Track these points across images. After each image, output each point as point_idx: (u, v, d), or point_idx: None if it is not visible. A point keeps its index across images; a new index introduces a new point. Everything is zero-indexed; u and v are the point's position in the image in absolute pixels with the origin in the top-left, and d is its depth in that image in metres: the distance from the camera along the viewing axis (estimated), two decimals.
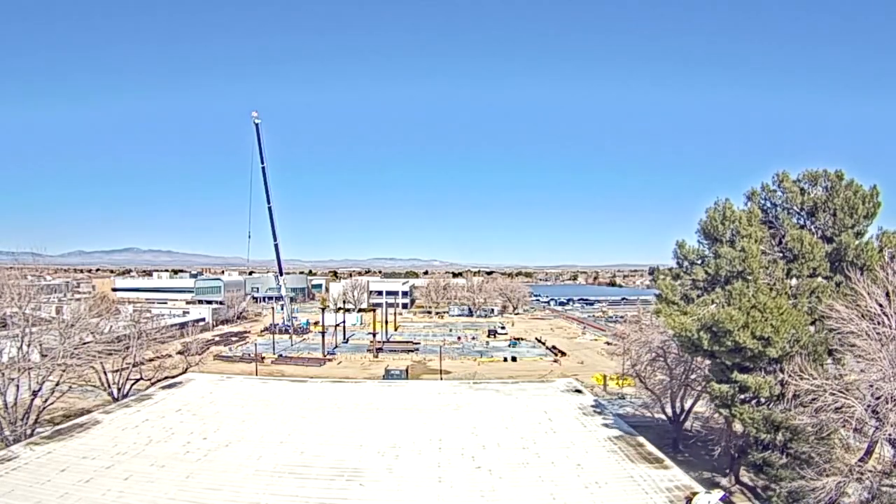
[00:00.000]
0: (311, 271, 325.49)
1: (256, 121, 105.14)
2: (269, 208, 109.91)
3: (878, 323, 20.58)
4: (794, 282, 25.02)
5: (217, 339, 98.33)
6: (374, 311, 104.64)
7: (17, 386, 34.24)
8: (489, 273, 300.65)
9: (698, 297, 26.16)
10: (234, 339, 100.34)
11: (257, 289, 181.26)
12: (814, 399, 21.32)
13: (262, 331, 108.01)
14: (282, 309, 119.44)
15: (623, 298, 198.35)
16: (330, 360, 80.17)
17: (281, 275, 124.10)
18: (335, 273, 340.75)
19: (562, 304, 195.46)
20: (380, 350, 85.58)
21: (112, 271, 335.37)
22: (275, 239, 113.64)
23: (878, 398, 20.24)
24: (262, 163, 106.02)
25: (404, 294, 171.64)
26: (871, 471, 21.24)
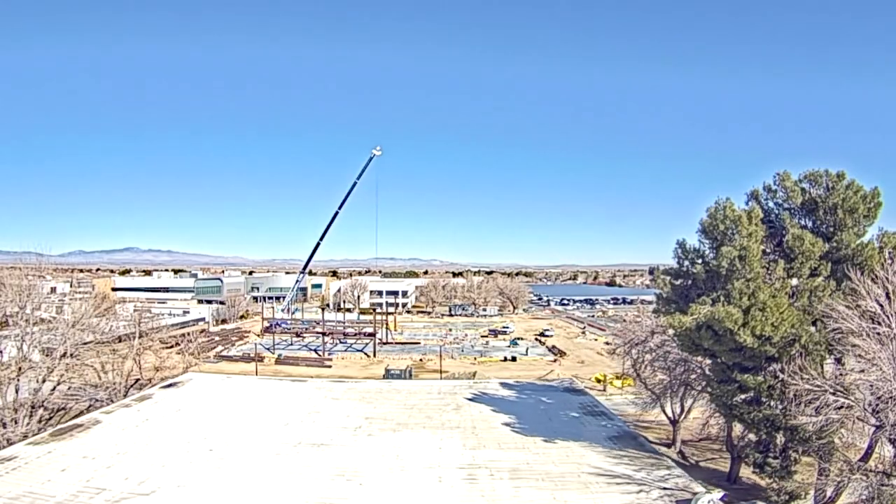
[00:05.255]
0: (311, 271, 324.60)
1: (377, 153, 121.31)
2: (336, 213, 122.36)
3: (878, 323, 20.57)
4: (794, 281, 24.99)
5: (217, 338, 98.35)
6: (374, 311, 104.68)
7: (18, 386, 34.26)
8: (489, 273, 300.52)
9: (698, 296, 26.12)
10: (234, 338, 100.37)
11: (257, 289, 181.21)
12: (814, 399, 21.31)
13: (262, 331, 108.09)
14: (283, 310, 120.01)
15: (623, 298, 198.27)
16: (330, 360, 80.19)
17: (304, 271, 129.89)
18: (335, 273, 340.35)
19: (562, 303, 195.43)
20: (379, 350, 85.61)
21: (112, 271, 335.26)
22: (320, 240, 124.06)
23: (878, 398, 20.24)
24: (357, 178, 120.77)
25: (404, 294, 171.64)
26: (871, 470, 21.23)
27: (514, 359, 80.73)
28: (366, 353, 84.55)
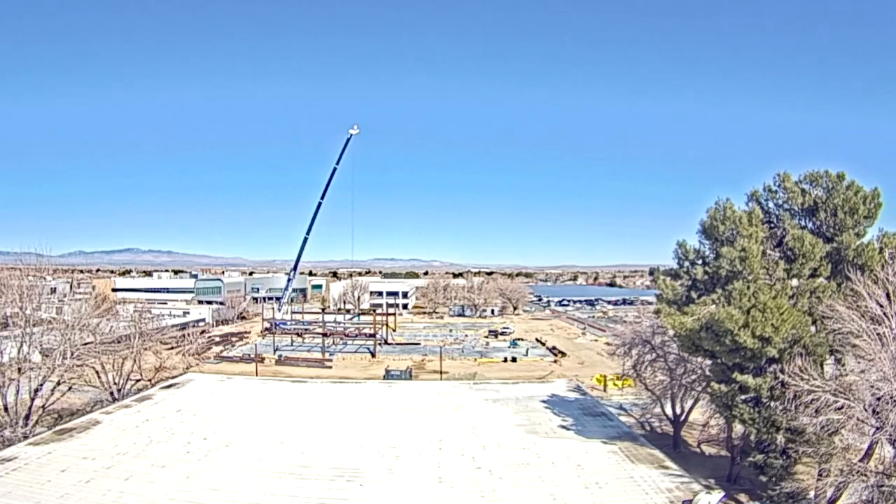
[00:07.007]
0: (311, 271, 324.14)
1: (354, 132, 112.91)
2: (320, 203, 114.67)
3: (879, 323, 20.57)
4: (794, 282, 24.99)
5: (217, 339, 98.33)
6: (374, 311, 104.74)
7: (18, 386, 34.25)
8: (489, 273, 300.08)
9: (699, 296, 26.13)
10: (234, 339, 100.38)
11: (257, 289, 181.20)
12: (814, 399, 21.30)
13: (262, 331, 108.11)
14: (279, 309, 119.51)
15: (623, 299, 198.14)
16: (330, 360, 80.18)
17: (295, 269, 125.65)
18: (335, 273, 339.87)
19: (562, 304, 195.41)
20: (380, 351, 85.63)
21: (112, 271, 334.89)
22: (307, 233, 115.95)
23: (878, 398, 20.23)
24: (337, 163, 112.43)
25: (404, 294, 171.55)
26: (871, 471, 21.21)
27: (514, 360, 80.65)
28: (370, 353, 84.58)
